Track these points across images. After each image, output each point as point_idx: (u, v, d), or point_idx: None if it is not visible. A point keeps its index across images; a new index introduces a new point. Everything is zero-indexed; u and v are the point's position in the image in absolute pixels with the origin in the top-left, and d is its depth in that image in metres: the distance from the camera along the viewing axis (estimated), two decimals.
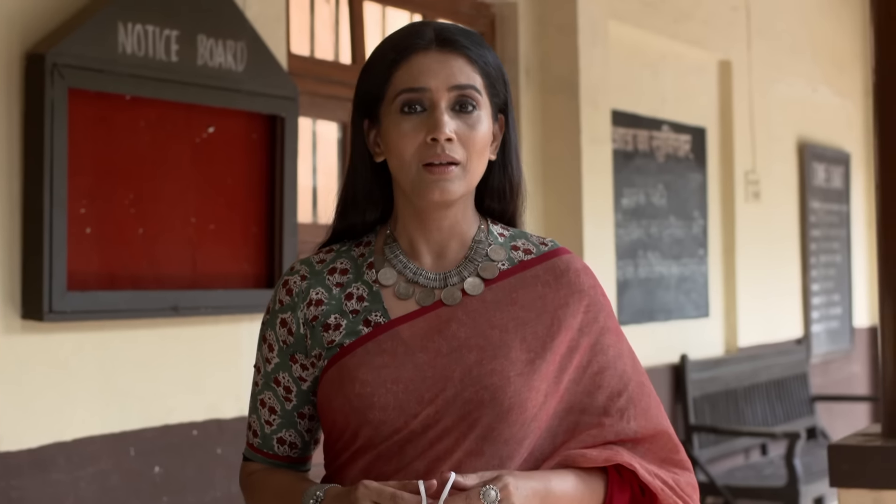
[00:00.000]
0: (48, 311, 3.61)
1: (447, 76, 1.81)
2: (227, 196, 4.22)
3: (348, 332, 1.83)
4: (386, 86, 1.83)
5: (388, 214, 1.93)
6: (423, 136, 1.79)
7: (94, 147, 3.82)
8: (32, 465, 3.66)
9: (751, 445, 7.55)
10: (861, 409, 9.42)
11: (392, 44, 1.86)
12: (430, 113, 1.80)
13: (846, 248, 9.36)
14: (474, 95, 1.82)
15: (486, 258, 1.87)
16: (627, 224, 6.70)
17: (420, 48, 1.82)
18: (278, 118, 4.32)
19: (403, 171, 1.81)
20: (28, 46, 3.68)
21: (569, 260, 1.91)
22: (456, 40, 1.84)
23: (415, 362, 1.79)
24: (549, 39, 5.91)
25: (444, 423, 1.77)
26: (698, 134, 7.39)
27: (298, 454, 1.94)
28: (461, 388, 1.78)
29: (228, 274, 4.21)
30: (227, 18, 4.12)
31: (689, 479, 1.88)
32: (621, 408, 1.84)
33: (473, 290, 1.84)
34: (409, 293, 1.85)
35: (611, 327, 1.89)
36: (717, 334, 7.60)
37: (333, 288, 1.87)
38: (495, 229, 1.92)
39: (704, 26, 7.33)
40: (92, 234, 3.81)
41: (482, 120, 1.82)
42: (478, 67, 1.84)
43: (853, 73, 9.65)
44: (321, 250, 1.94)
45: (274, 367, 1.90)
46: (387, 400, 1.77)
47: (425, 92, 1.80)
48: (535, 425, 1.80)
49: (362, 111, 1.88)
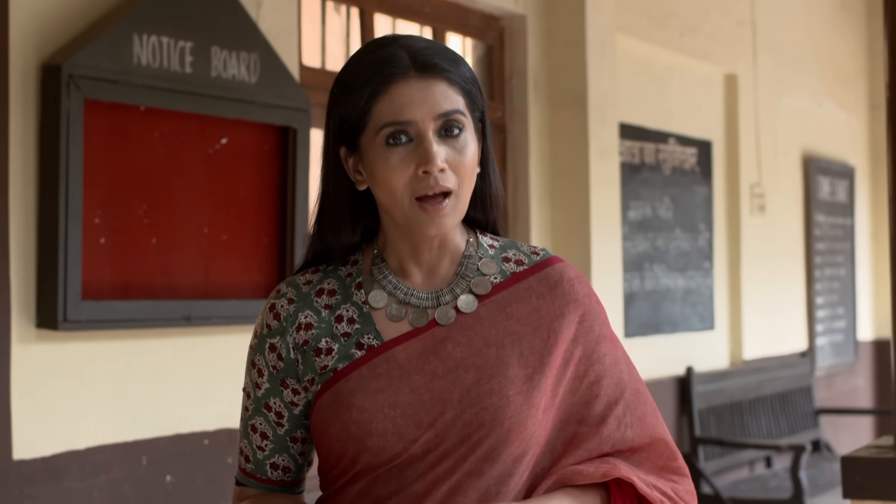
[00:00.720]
0: (62, 321, 3.64)
1: (432, 105, 1.73)
2: (240, 207, 4.24)
3: (341, 356, 1.78)
4: (366, 117, 1.75)
5: (370, 233, 1.87)
6: (414, 169, 1.72)
7: (108, 157, 3.85)
8: (46, 474, 3.68)
9: (756, 458, 7.56)
10: (865, 422, 9.43)
11: (368, 73, 1.76)
12: (417, 144, 1.73)
13: (850, 262, 9.38)
14: (459, 119, 1.75)
15: (478, 273, 1.83)
16: (634, 237, 6.72)
17: (398, 77, 1.74)
18: (290, 129, 4.35)
19: (395, 204, 1.75)
20: (44, 58, 3.71)
21: (562, 269, 1.86)
22: (434, 64, 1.76)
23: (411, 385, 1.74)
24: (557, 53, 5.93)
25: (444, 447, 1.73)
26: (704, 147, 7.41)
27: (292, 477, 1.89)
28: (460, 410, 1.73)
29: (240, 284, 4.24)
30: (240, 30, 4.15)
31: (688, 487, 1.85)
32: (618, 416, 1.81)
33: (467, 308, 1.79)
34: (401, 315, 1.79)
35: (606, 335, 1.85)
36: (723, 347, 7.61)
37: (322, 310, 1.81)
38: (485, 241, 1.87)
39: (711, 40, 7.36)
40: (106, 244, 3.83)
41: (469, 142, 1.76)
42: (458, 88, 1.77)
43: (858, 87, 9.67)
44: (306, 271, 1.87)
45: (264, 393, 1.84)
46: (385, 426, 1.73)
47: (411, 124, 1.73)
48: (535, 441, 1.77)
49: (339, 138, 1.80)
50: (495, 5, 5.68)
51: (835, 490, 7.00)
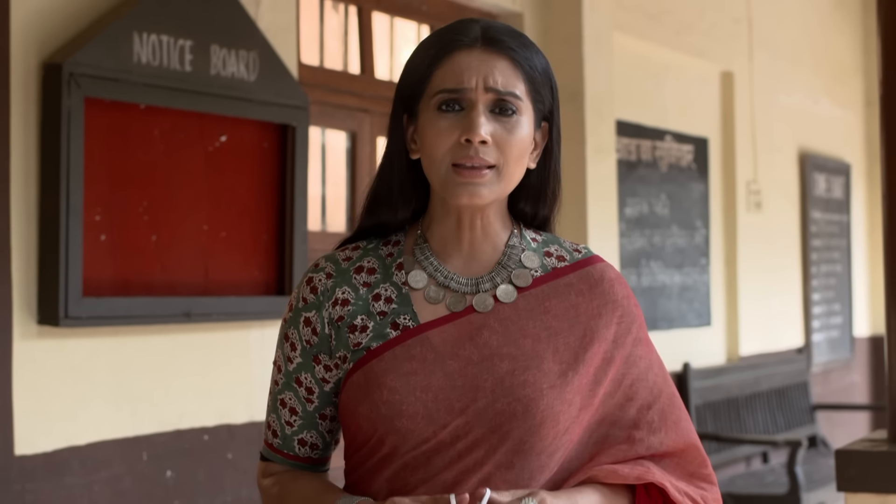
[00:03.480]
0: (64, 317, 3.66)
1: (487, 76, 1.73)
2: (239, 204, 4.27)
3: (375, 334, 1.76)
4: (426, 82, 1.76)
5: (418, 213, 1.85)
6: (458, 136, 1.72)
7: (108, 155, 3.87)
8: (47, 469, 3.70)
9: (752, 453, 7.59)
10: (861, 417, 9.46)
11: (436, 39, 1.78)
12: (467, 113, 1.73)
13: (846, 258, 9.41)
14: (513, 101, 1.74)
15: (520, 265, 1.81)
16: (630, 233, 6.74)
17: (464, 46, 1.75)
18: (289, 127, 4.37)
19: (434, 169, 1.75)
20: (45, 56, 3.73)
21: (603, 269, 1.85)
22: (502, 40, 1.76)
23: (445, 370, 1.73)
24: (554, 50, 5.95)
25: (473, 435, 1.72)
26: (701, 144, 7.44)
27: (319, 455, 1.86)
28: (493, 398, 1.72)
29: (240, 281, 4.26)
30: (239, 29, 4.17)
31: (716, 495, 1.85)
32: (651, 421, 1.80)
33: (506, 298, 1.78)
34: (439, 297, 1.78)
35: (643, 338, 1.84)
36: (719, 343, 7.64)
37: (360, 287, 1.80)
38: (528, 234, 1.86)
39: (707, 38, 7.38)
40: (106, 241, 3.86)
41: (522, 125, 1.75)
42: (522, 71, 1.76)
43: (854, 84, 9.70)
44: (346, 247, 1.85)
45: (296, 367, 1.82)
46: (416, 408, 1.71)
47: (464, 92, 1.73)
48: (567, 438, 1.75)
49: (402, 106, 1.81)
50: (492, 3, 5.71)
51: (831, 485, 7.02)
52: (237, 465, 4.24)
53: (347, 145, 5.15)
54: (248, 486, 4.29)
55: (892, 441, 3.31)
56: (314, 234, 4.78)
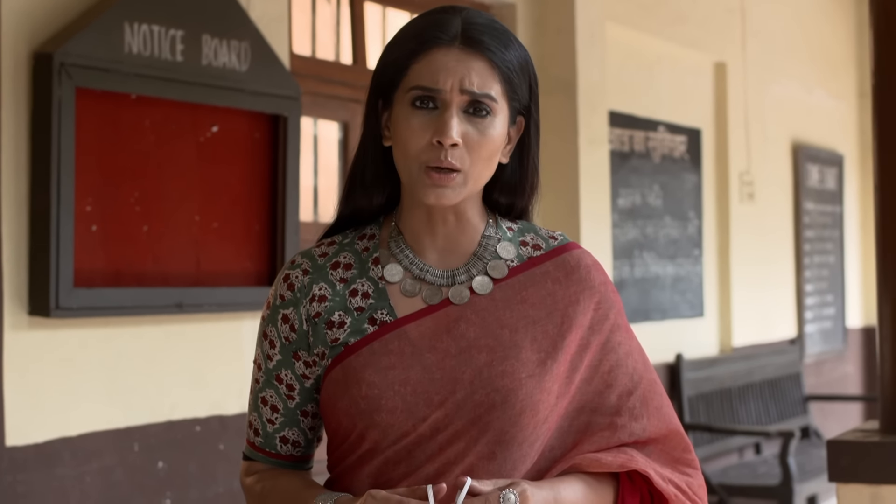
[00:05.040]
0: (55, 308, 3.65)
1: (462, 79, 1.72)
2: (231, 194, 4.26)
3: (353, 330, 1.77)
4: (402, 74, 1.75)
5: (393, 201, 1.86)
6: (430, 137, 1.72)
7: (100, 146, 3.86)
8: (38, 460, 3.70)
9: (745, 444, 7.60)
10: (854, 408, 9.48)
11: (416, 31, 1.77)
12: (440, 113, 1.72)
13: (839, 249, 9.41)
14: (488, 103, 1.74)
15: (496, 255, 1.81)
16: (623, 224, 6.74)
17: (443, 43, 1.74)
18: (281, 118, 4.36)
19: (405, 165, 1.75)
20: (36, 46, 3.72)
21: (579, 255, 1.85)
22: (481, 41, 1.74)
23: (423, 363, 1.73)
24: (547, 41, 5.95)
25: (454, 427, 1.72)
26: (694, 135, 7.43)
27: (301, 452, 1.87)
28: (471, 390, 1.72)
29: (231, 272, 4.25)
30: (231, 19, 4.16)
31: (700, 481, 1.85)
32: (632, 407, 1.80)
33: (482, 289, 1.78)
34: (415, 290, 1.78)
35: (621, 325, 1.84)
36: (712, 334, 7.64)
37: (337, 283, 1.80)
38: (504, 223, 1.86)
39: (700, 28, 7.38)
40: (98, 231, 3.85)
41: (495, 126, 1.75)
42: (499, 72, 1.75)
43: (847, 75, 9.70)
44: (323, 242, 1.86)
45: (276, 364, 1.82)
46: (395, 403, 1.71)
47: (439, 92, 1.72)
48: (546, 427, 1.76)
49: (377, 92, 1.80)
50: None
51: (824, 476, 7.03)
52: (229, 456, 4.24)
53: (339, 136, 5.14)
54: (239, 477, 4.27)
55: (883, 432, 3.32)
56: (306, 224, 4.77)
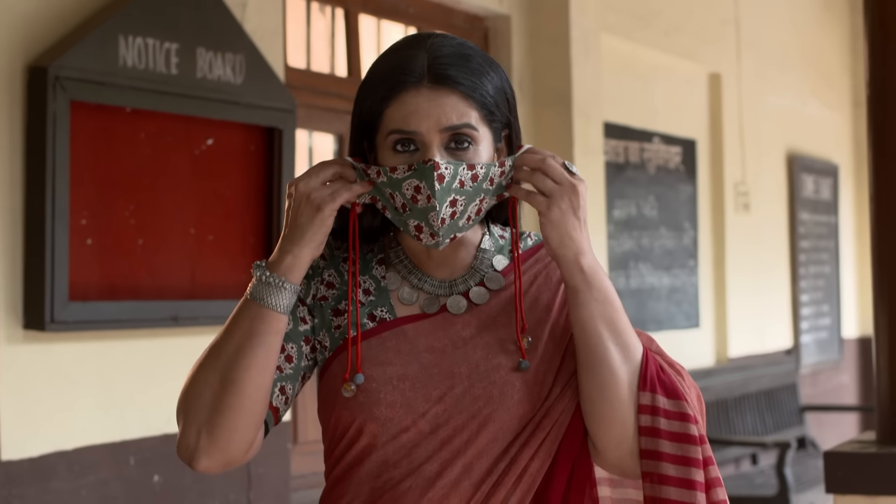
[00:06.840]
0: (50, 321, 3.64)
1: (438, 118, 1.71)
2: (226, 207, 4.26)
3: (353, 321, 1.79)
4: (378, 119, 1.75)
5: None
6: None
7: (95, 159, 3.86)
8: (33, 474, 3.69)
9: (741, 455, 7.60)
10: (850, 419, 9.48)
11: (384, 76, 1.76)
12: (422, 154, 1.72)
13: (835, 259, 9.42)
14: (469, 133, 1.73)
15: (491, 268, 1.84)
16: (619, 235, 6.74)
17: (410, 85, 1.72)
18: (276, 130, 4.36)
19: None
20: (31, 59, 3.71)
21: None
22: (448, 76, 1.73)
23: (420, 361, 1.76)
24: (541, 52, 5.96)
25: (454, 422, 1.74)
26: (689, 146, 7.44)
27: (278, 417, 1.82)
28: (469, 384, 1.74)
29: (227, 284, 4.25)
30: (225, 32, 4.16)
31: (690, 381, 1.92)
32: None
33: (479, 300, 1.81)
34: (412, 299, 1.81)
35: None
36: (708, 345, 7.64)
37: (345, 275, 1.83)
38: (496, 231, 1.89)
39: (695, 39, 7.39)
40: (93, 245, 3.84)
41: (479, 155, 1.75)
42: (473, 101, 1.74)
43: (842, 85, 9.72)
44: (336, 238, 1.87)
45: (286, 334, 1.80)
46: (394, 397, 1.73)
47: (416, 135, 1.72)
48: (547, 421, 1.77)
49: (360, 135, 1.81)
50: (479, 5, 5.70)
51: (820, 486, 7.03)
52: None
53: (334, 148, 5.14)
54: (235, 491, 4.27)
55: (880, 443, 3.32)
56: None
